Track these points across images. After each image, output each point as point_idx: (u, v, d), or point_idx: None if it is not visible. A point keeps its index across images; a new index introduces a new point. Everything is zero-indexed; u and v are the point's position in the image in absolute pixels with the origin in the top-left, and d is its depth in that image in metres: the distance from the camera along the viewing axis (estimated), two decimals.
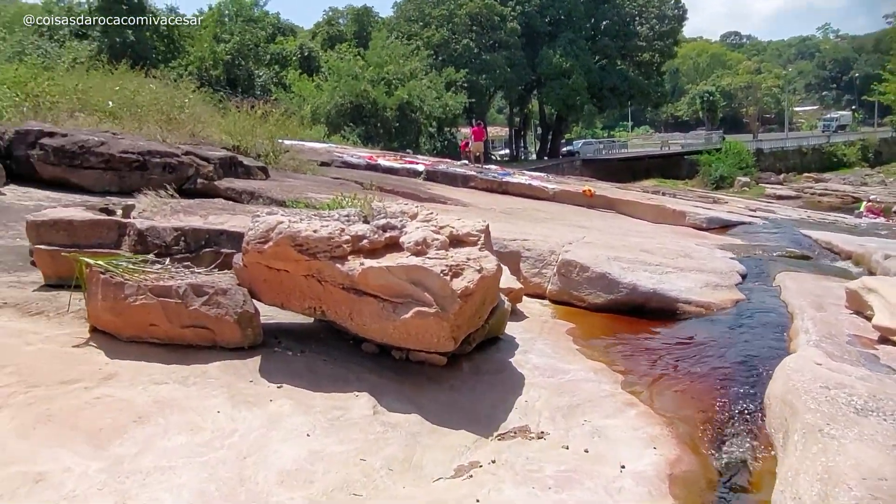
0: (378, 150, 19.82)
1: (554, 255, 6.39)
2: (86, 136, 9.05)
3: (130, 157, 8.92)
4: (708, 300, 5.56)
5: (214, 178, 9.42)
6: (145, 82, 14.29)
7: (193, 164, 9.35)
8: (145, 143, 9.46)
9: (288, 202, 8.13)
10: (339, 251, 3.38)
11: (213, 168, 9.46)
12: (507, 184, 14.03)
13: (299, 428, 2.78)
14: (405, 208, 5.12)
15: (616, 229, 10.26)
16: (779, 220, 14.57)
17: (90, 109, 11.56)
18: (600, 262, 5.96)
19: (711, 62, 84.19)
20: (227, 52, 35.93)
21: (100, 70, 16.65)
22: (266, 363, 3.42)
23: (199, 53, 35.42)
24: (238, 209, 6.83)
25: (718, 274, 6.37)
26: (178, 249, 4.58)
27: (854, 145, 45.26)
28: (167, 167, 9.09)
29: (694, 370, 4.10)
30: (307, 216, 3.85)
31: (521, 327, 5.02)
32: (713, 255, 7.71)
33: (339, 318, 3.49)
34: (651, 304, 5.60)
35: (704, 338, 4.79)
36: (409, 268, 3.23)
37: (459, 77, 32.43)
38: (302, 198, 8.57)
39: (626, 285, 5.67)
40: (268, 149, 12.24)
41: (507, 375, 3.76)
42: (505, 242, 6.56)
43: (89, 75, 14.88)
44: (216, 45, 35.42)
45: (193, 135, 11.98)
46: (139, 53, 30.80)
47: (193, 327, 3.46)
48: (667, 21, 39.23)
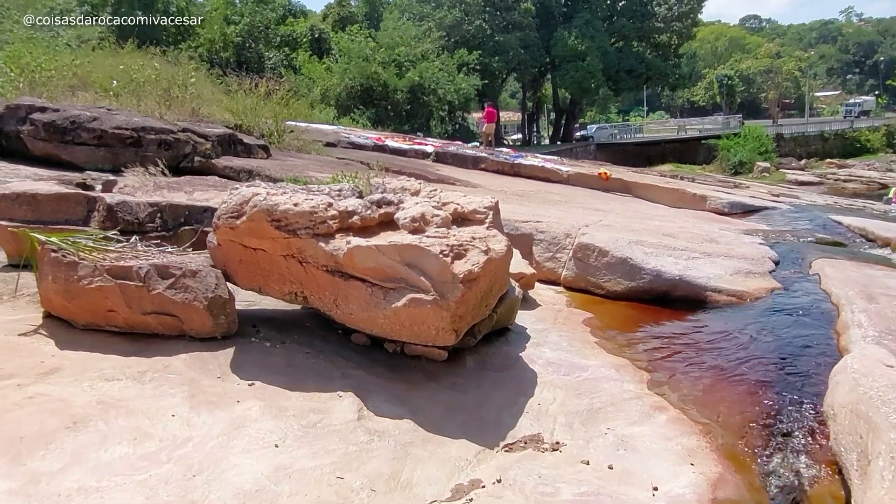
0: (387, 132, 19.30)
1: (569, 238, 5.88)
2: (78, 112, 8.62)
3: (124, 134, 8.47)
4: (740, 288, 5.03)
5: (212, 156, 8.97)
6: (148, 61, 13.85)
7: (190, 142, 8.90)
8: (140, 119, 9.03)
9: (286, 180, 7.67)
10: (323, 228, 2.91)
11: (210, 146, 9.01)
12: (519, 166, 13.47)
13: (267, 436, 2.33)
14: (407, 184, 4.64)
15: (634, 213, 9.70)
16: (804, 206, 13.90)
17: (92, 87, 11.15)
18: (621, 247, 5.45)
19: (730, 46, 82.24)
20: (238, 34, 35.49)
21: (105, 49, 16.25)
22: (240, 356, 2.97)
23: (210, 35, 35.00)
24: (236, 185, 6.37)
25: (749, 260, 5.83)
26: (154, 227, 4.14)
27: (878, 131, 43.89)
28: (163, 144, 8.64)
29: (731, 368, 3.60)
30: (292, 189, 3.38)
31: (533, 317, 4.54)
32: (741, 240, 7.16)
33: (323, 304, 3.02)
34: (677, 293, 5.09)
35: (739, 331, 4.28)
36: (403, 247, 2.75)
37: (472, 59, 31.68)
38: (302, 177, 8.10)
39: (649, 271, 5.15)
40: (271, 128, 11.76)
41: (516, 372, 3.29)
42: (516, 224, 6.06)
43: (94, 54, 14.48)
44: (226, 27, 34.97)
45: (195, 113, 11.54)
46: (149, 35, 30.45)
47: (157, 314, 3.01)
48: (686, 1, 38.04)
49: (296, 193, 3.14)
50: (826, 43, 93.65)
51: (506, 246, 3.14)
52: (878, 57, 75.81)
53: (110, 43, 18.50)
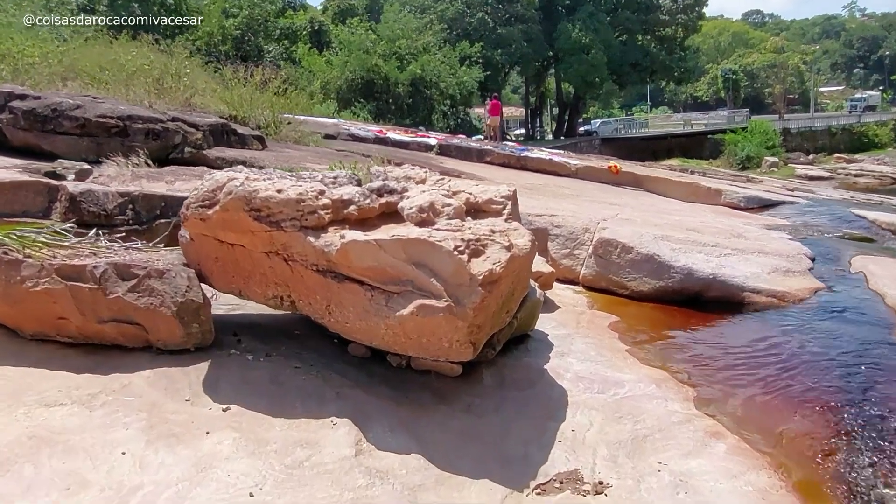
0: (388, 125, 18.79)
1: (588, 233, 5.39)
2: (60, 99, 8.11)
3: (109, 122, 7.95)
4: (781, 289, 4.54)
5: (204, 146, 8.45)
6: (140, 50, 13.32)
7: (180, 132, 8.38)
8: (127, 107, 8.51)
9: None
10: (313, 219, 2.41)
11: (202, 136, 8.49)
12: (525, 159, 12.95)
13: (240, 481, 1.84)
14: (412, 173, 4.15)
15: (649, 207, 9.20)
16: (821, 201, 13.43)
17: (81, 76, 10.64)
18: (646, 242, 4.95)
19: (733, 41, 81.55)
20: (236, 26, 34.95)
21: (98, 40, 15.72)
22: (215, 372, 2.48)
23: (208, 28, 34.46)
24: None
25: (785, 257, 5.33)
26: (125, 220, 3.65)
27: (886, 125, 43.25)
28: (150, 133, 8.12)
29: (788, 382, 3.11)
30: (278, 175, 2.89)
31: (553, 320, 4.05)
32: (769, 236, 6.67)
33: (314, 311, 2.53)
34: (710, 293, 4.60)
35: (787, 337, 3.78)
36: (409, 242, 2.25)
37: (474, 52, 31.09)
38: (298, 168, 7.58)
39: (679, 270, 4.66)
40: (268, 119, 11.25)
41: (542, 389, 2.79)
42: (530, 218, 5.56)
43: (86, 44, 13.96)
44: (224, 20, 34.43)
45: (188, 103, 11.04)
46: (146, 28, 29.95)
47: (116, 322, 2.53)
48: None
49: (281, 179, 2.65)
50: (829, 38, 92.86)
51: (530, 241, 2.64)
52: (884, 52, 75.05)
53: (103, 34, 18.00)
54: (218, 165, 7.89)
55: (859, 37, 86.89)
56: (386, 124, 22.93)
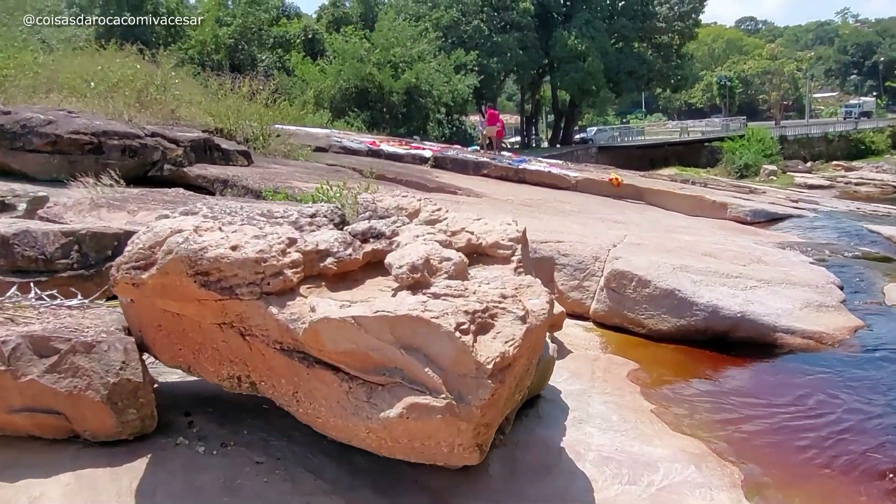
0: (382, 136, 18.31)
1: (598, 261, 4.90)
2: (31, 115, 7.60)
3: (82, 139, 7.44)
4: (817, 328, 4.06)
5: (184, 163, 7.96)
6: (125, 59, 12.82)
7: (159, 148, 7.88)
8: (103, 122, 8.00)
9: (265, 192, 6.69)
10: (277, 282, 1.91)
11: (182, 152, 7.99)
12: (523, 171, 12.49)
13: None
14: (403, 202, 3.66)
15: (656, 224, 8.74)
16: (829, 213, 13.02)
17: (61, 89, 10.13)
18: (664, 274, 4.46)
19: (727, 48, 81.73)
20: (230, 35, 34.57)
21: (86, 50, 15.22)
22: (153, 476, 1.96)
23: (201, 37, 34.07)
24: (196, 201, 5.35)
25: (814, 288, 4.85)
26: (68, 264, 3.13)
27: (883, 132, 43.08)
28: (127, 150, 7.62)
29: (849, 457, 2.62)
30: (241, 218, 2.38)
31: (565, 370, 3.55)
32: (790, 260, 6.20)
33: (279, 396, 2.02)
34: (738, 333, 4.11)
35: (834, 391, 3.30)
36: (398, 320, 1.75)
37: (470, 60, 30.74)
38: (283, 187, 7.11)
39: (703, 307, 4.17)
40: (256, 132, 10.75)
41: (561, 482, 2.29)
42: (534, 245, 5.07)
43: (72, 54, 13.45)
44: (218, 29, 34.03)
45: (174, 116, 10.57)
46: (138, 37, 29.52)
47: (31, 412, 2.01)
48: (688, 0, 37.13)
49: (242, 227, 2.14)
50: (822, 44, 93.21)
51: (547, 302, 2.14)
52: (878, 58, 75.25)
53: (91, 43, 17.52)
54: (198, 183, 7.42)
55: (853, 43, 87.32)
56: (380, 134, 22.45)
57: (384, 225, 2.60)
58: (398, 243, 2.43)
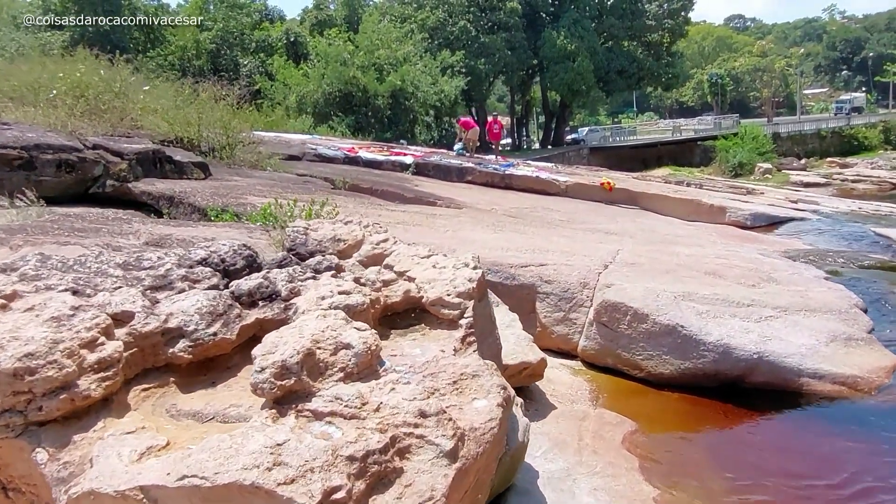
0: (363, 141, 17.58)
1: (587, 288, 4.20)
2: None
3: (10, 154, 6.67)
4: (850, 371, 3.36)
5: (129, 177, 7.20)
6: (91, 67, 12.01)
7: (101, 161, 7.13)
8: (38, 134, 7.23)
9: (210, 211, 5.95)
10: (56, 403, 1.18)
11: (127, 166, 7.24)
12: (510, 177, 11.79)
13: None
14: (343, 231, 2.97)
15: (651, 233, 8.05)
16: (831, 214, 12.40)
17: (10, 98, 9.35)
18: (664, 306, 3.76)
19: (717, 46, 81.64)
20: (211, 39, 33.86)
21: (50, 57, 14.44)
22: None
23: (182, 42, 33.32)
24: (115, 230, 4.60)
25: (838, 314, 4.16)
26: None
27: (875, 127, 42.73)
28: (64, 165, 6.86)
29: None
30: (84, 276, 1.66)
31: (545, 436, 2.85)
32: (804, 276, 5.51)
33: None
34: (755, 378, 3.41)
35: (886, 460, 2.61)
36: (216, 492, 1.03)
37: (456, 60, 30.11)
38: (235, 203, 6.37)
39: (711, 346, 3.47)
40: (222, 140, 9.99)
41: None
42: (513, 270, 4.37)
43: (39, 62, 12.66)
44: (199, 34, 33.29)
45: (136, 125, 9.82)
46: (115, 43, 28.77)
47: None
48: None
49: (38, 306, 1.41)
50: (811, 41, 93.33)
51: (499, 404, 1.43)
52: (867, 53, 75.28)
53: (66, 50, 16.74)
54: (143, 200, 6.68)
55: (842, 39, 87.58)
56: (365, 139, 21.74)
57: (284, 280, 1.88)
58: (296, 308, 1.71)
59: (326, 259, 2.43)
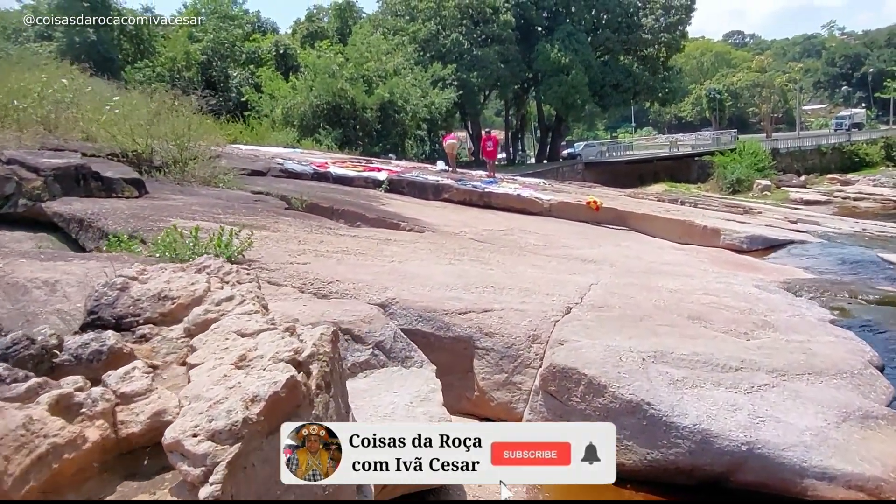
0: (341, 155, 16.81)
1: (536, 343, 3.36)
2: None
3: None
4: (870, 470, 2.50)
5: (44, 196, 6.38)
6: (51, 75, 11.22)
7: (13, 178, 6.32)
8: None
9: (111, 237, 5.10)
10: None
11: (42, 183, 6.42)
12: (490, 195, 10.98)
13: None
14: (178, 285, 2.20)
15: (635, 260, 7.21)
16: (833, 236, 11.57)
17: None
18: (628, 374, 2.92)
19: (716, 61, 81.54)
20: (202, 51, 33.32)
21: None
22: None
23: (171, 54, 32.76)
24: None
25: (850, 377, 3.31)
26: None
27: (876, 143, 42.08)
28: None
29: None
30: None
31: None
32: (806, 319, 4.66)
33: None
34: (742, 477, 2.55)
35: None
36: None
37: (447, 73, 29.51)
38: (151, 228, 5.52)
39: (686, 433, 2.63)
40: (175, 154, 9.15)
41: None
42: (448, 319, 3.51)
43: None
44: (189, 45, 32.76)
45: (88, 136, 9.08)
46: (102, 54, 28.22)
47: None
48: (674, 12, 35.91)
49: None
50: (810, 57, 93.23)
51: None
52: (867, 69, 75.04)
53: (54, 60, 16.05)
54: (55, 222, 5.87)
55: (841, 55, 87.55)
56: (353, 152, 20.99)
57: None
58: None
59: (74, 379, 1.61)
